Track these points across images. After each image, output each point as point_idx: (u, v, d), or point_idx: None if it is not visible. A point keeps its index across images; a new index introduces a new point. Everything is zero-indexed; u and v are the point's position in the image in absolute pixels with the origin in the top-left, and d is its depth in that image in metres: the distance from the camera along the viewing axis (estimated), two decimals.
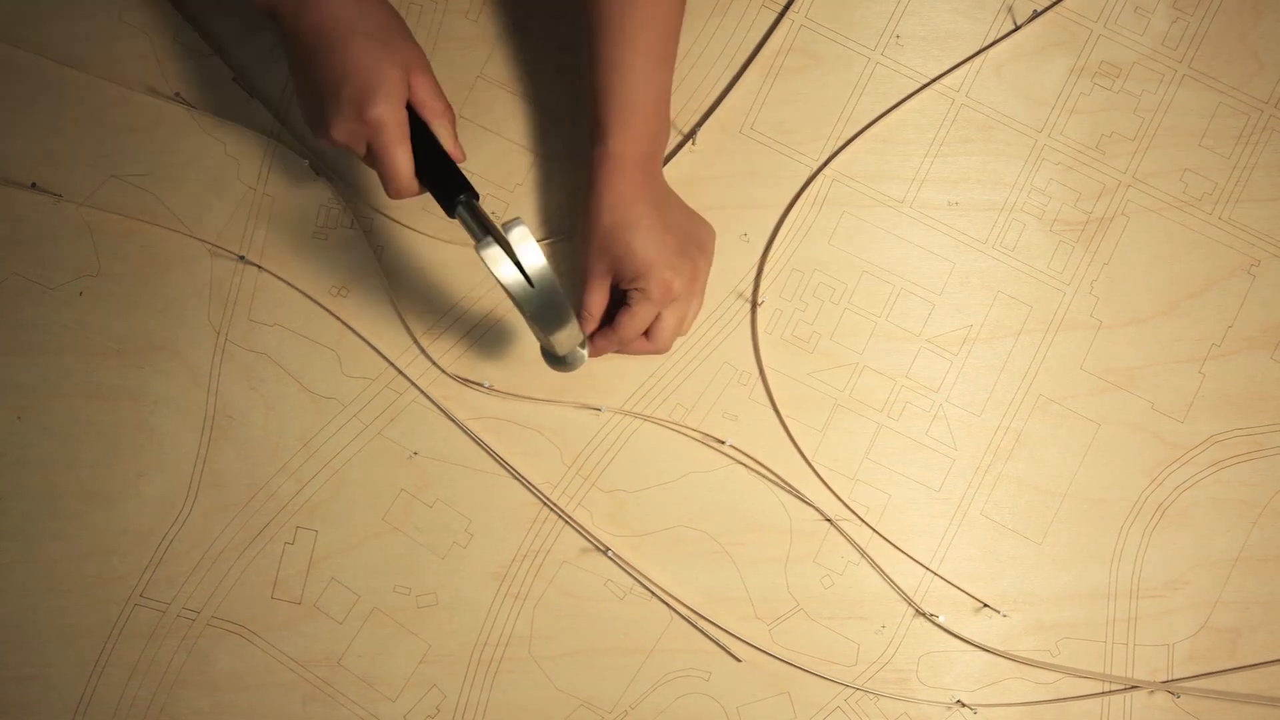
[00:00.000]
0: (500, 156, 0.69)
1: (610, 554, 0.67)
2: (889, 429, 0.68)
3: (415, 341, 0.69)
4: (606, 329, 0.62)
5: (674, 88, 0.69)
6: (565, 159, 0.69)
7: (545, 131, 0.69)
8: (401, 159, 0.57)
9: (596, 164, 0.62)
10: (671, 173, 0.68)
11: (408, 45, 0.59)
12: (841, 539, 0.68)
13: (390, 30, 0.59)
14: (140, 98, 0.69)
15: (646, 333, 0.62)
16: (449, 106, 0.60)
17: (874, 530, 0.68)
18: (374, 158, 0.58)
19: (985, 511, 0.68)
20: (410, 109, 0.58)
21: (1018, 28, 0.69)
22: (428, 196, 0.59)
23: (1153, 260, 0.69)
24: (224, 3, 0.69)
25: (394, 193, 0.59)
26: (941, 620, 0.67)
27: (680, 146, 0.68)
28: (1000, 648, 0.68)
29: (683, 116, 0.69)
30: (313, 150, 0.69)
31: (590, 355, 0.62)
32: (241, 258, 0.68)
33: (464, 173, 0.58)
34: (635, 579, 0.68)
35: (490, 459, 0.68)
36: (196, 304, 0.69)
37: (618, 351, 0.63)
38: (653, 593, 0.68)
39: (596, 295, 0.62)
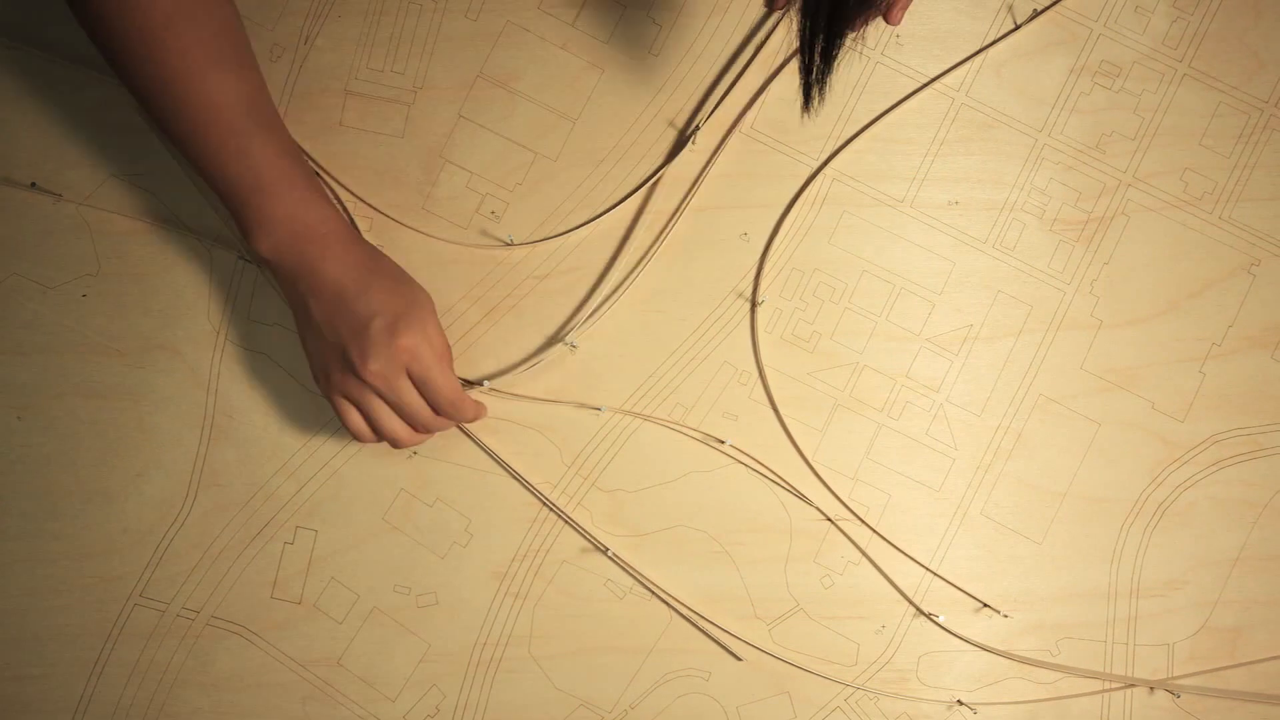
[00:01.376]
0: (500, 156, 0.69)
1: (610, 554, 0.67)
2: (889, 429, 0.68)
3: None
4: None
5: (675, 86, 0.69)
6: (565, 158, 0.69)
7: (545, 131, 0.69)
8: (443, 380, 0.60)
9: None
10: (673, 172, 0.68)
11: (421, 289, 0.62)
12: (841, 539, 0.68)
13: (406, 277, 0.62)
14: None
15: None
16: (449, 349, 0.63)
17: (874, 530, 0.68)
18: (420, 384, 0.60)
19: (985, 511, 0.68)
20: None
21: (1018, 27, 0.69)
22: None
23: (1153, 260, 0.69)
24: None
25: (425, 429, 0.62)
26: (942, 620, 0.67)
27: (681, 147, 0.68)
28: (1000, 647, 0.68)
29: (682, 116, 0.69)
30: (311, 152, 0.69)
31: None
32: (242, 257, 0.68)
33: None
34: (635, 579, 0.68)
35: (490, 459, 0.68)
36: (196, 303, 0.69)
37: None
38: (653, 592, 0.68)
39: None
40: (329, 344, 0.60)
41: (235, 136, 0.59)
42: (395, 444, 0.62)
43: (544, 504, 0.68)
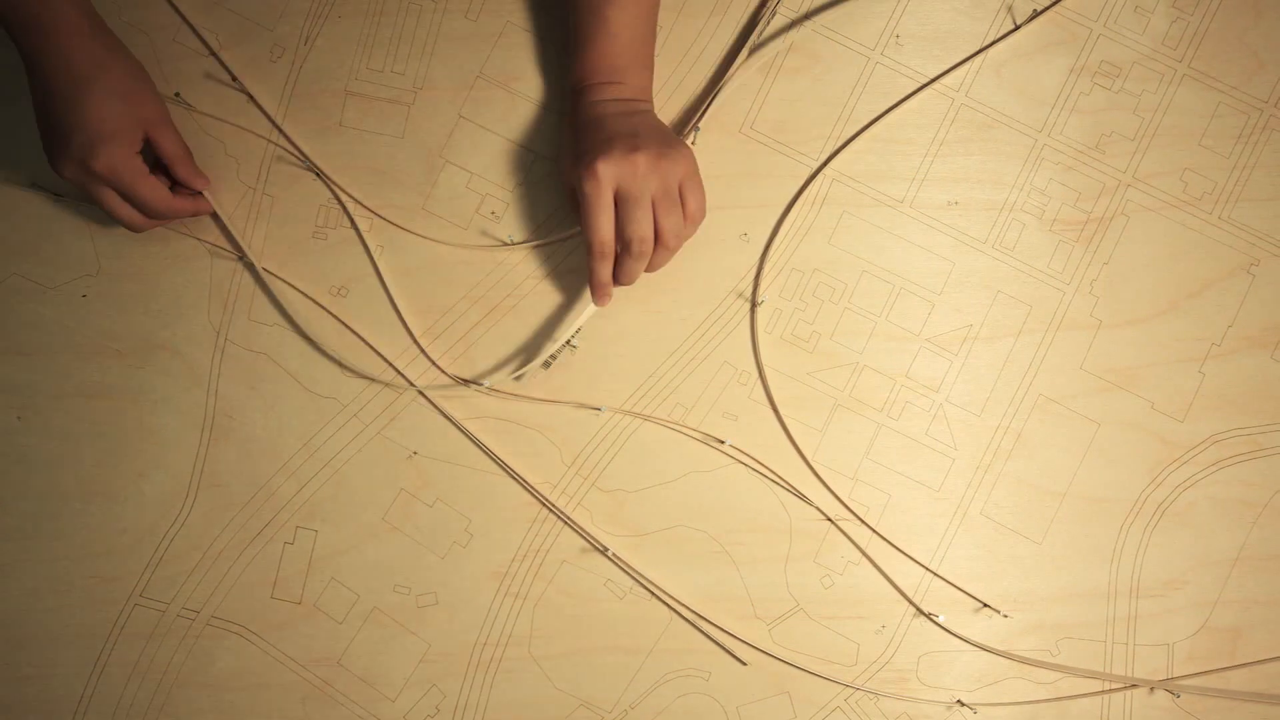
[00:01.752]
0: (500, 156, 0.69)
1: (610, 554, 0.67)
2: (889, 429, 0.68)
3: (415, 341, 0.69)
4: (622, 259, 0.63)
5: (674, 87, 0.69)
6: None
7: (545, 131, 0.69)
8: (149, 191, 0.63)
9: (569, 97, 0.66)
10: None
11: (148, 102, 0.63)
12: (841, 539, 0.68)
13: (130, 88, 0.63)
14: None
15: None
16: (186, 148, 0.66)
17: (874, 530, 0.68)
18: (127, 196, 0.63)
19: (985, 511, 0.68)
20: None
21: (1018, 27, 0.69)
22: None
23: (1153, 260, 0.69)
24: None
25: (137, 222, 0.65)
26: (942, 620, 0.67)
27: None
28: (1000, 647, 0.68)
29: (683, 115, 0.69)
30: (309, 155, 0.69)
31: (624, 284, 0.64)
32: (241, 258, 0.68)
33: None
34: (635, 579, 0.68)
35: (490, 459, 0.68)
36: (196, 304, 0.69)
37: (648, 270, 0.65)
38: (652, 593, 0.68)
39: (599, 217, 0.61)
40: (44, 133, 0.62)
41: None
42: (130, 227, 0.65)
43: (544, 504, 0.68)
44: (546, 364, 0.67)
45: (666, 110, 0.69)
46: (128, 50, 0.64)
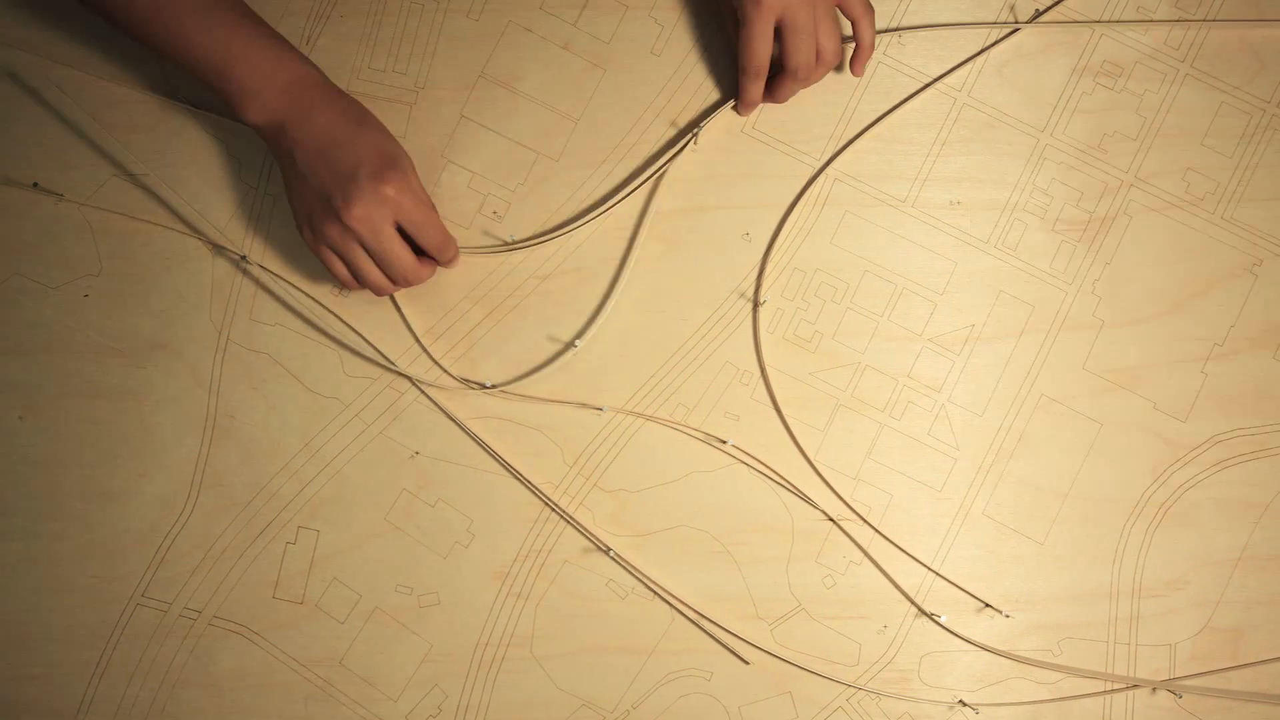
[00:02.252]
0: (502, 155, 0.69)
1: (612, 554, 0.67)
2: (891, 429, 0.68)
3: (417, 341, 0.69)
4: (780, 77, 0.65)
5: (676, 86, 0.69)
6: (567, 158, 0.69)
7: (547, 131, 0.69)
8: (436, 219, 0.63)
9: None
10: (673, 173, 0.68)
11: (397, 143, 0.64)
12: (843, 539, 0.68)
13: (386, 130, 0.64)
14: (142, 97, 0.69)
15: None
16: (431, 201, 0.64)
17: (876, 530, 0.68)
18: (404, 226, 0.62)
19: (987, 511, 0.68)
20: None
21: (1019, 27, 0.69)
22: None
23: (1155, 260, 0.69)
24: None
25: (431, 261, 0.65)
26: (944, 620, 0.67)
27: (683, 146, 0.68)
28: (1002, 647, 0.67)
29: (684, 115, 0.69)
30: None
31: (779, 102, 0.67)
32: (242, 258, 0.68)
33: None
34: (637, 579, 0.68)
35: (492, 459, 0.68)
36: (198, 304, 0.69)
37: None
38: (655, 592, 0.68)
39: (759, 42, 0.63)
40: (314, 192, 0.61)
41: (193, 14, 0.60)
42: (377, 291, 0.64)
43: (546, 504, 0.68)
44: (574, 346, 0.68)
45: (668, 110, 0.69)
46: None
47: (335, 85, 0.64)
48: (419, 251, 0.64)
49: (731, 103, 0.67)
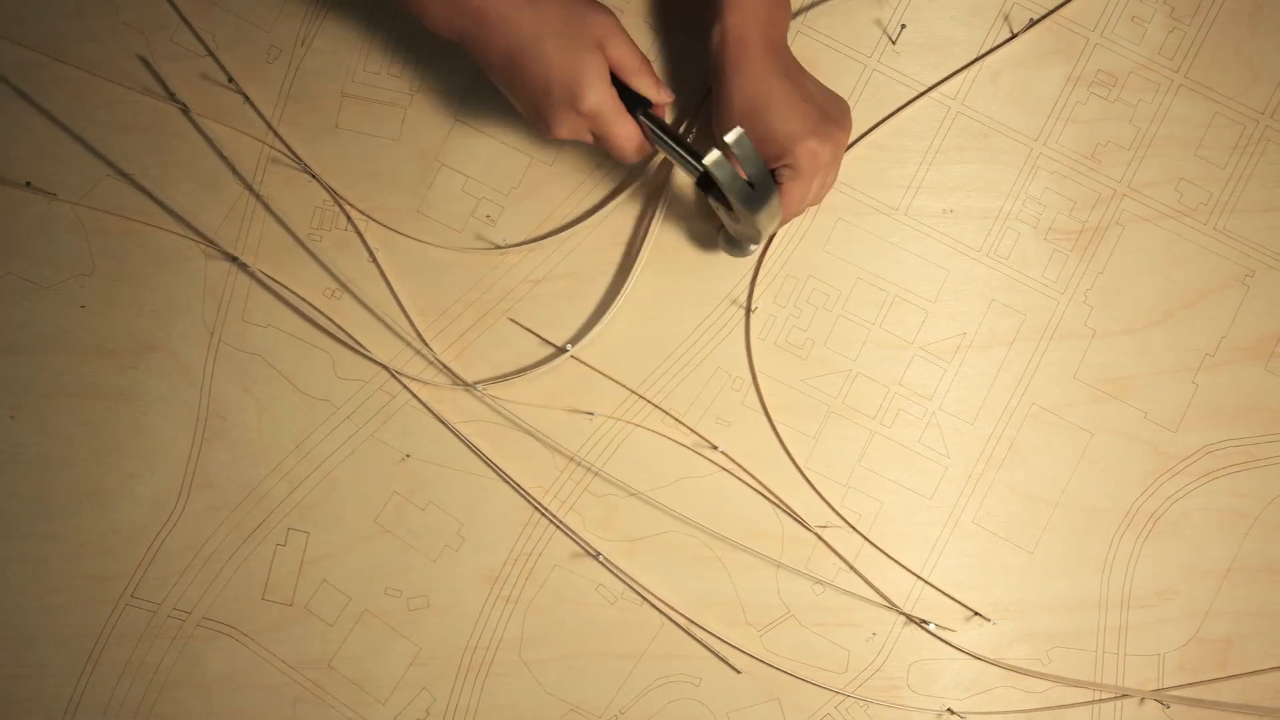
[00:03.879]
0: (495, 159, 0.69)
1: (601, 558, 0.67)
2: (882, 436, 0.68)
3: (414, 342, 0.69)
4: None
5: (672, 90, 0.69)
6: (560, 162, 0.69)
7: (540, 135, 0.69)
8: (626, 135, 0.60)
9: (718, 47, 0.62)
10: (667, 180, 0.68)
11: (595, 17, 0.59)
12: (834, 545, 0.68)
13: (573, 15, 0.59)
14: (136, 97, 0.69)
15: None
16: (644, 59, 0.61)
17: (865, 538, 0.68)
18: (601, 139, 0.61)
19: (977, 520, 0.68)
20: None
21: (1014, 36, 0.69)
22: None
23: (1147, 270, 0.69)
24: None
25: (630, 159, 0.62)
26: (932, 628, 0.67)
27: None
28: (991, 656, 0.67)
29: (677, 121, 0.69)
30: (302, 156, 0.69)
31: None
32: (235, 259, 0.68)
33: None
34: (626, 584, 0.68)
35: (482, 462, 0.68)
36: (190, 304, 0.69)
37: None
38: (644, 598, 0.68)
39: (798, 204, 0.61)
40: (523, 105, 0.60)
41: None
42: (625, 158, 0.62)
43: (536, 508, 0.68)
44: (568, 349, 0.68)
45: (667, 113, 0.69)
46: None
47: None
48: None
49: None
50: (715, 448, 0.68)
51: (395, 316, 0.69)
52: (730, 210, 0.59)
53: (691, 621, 0.68)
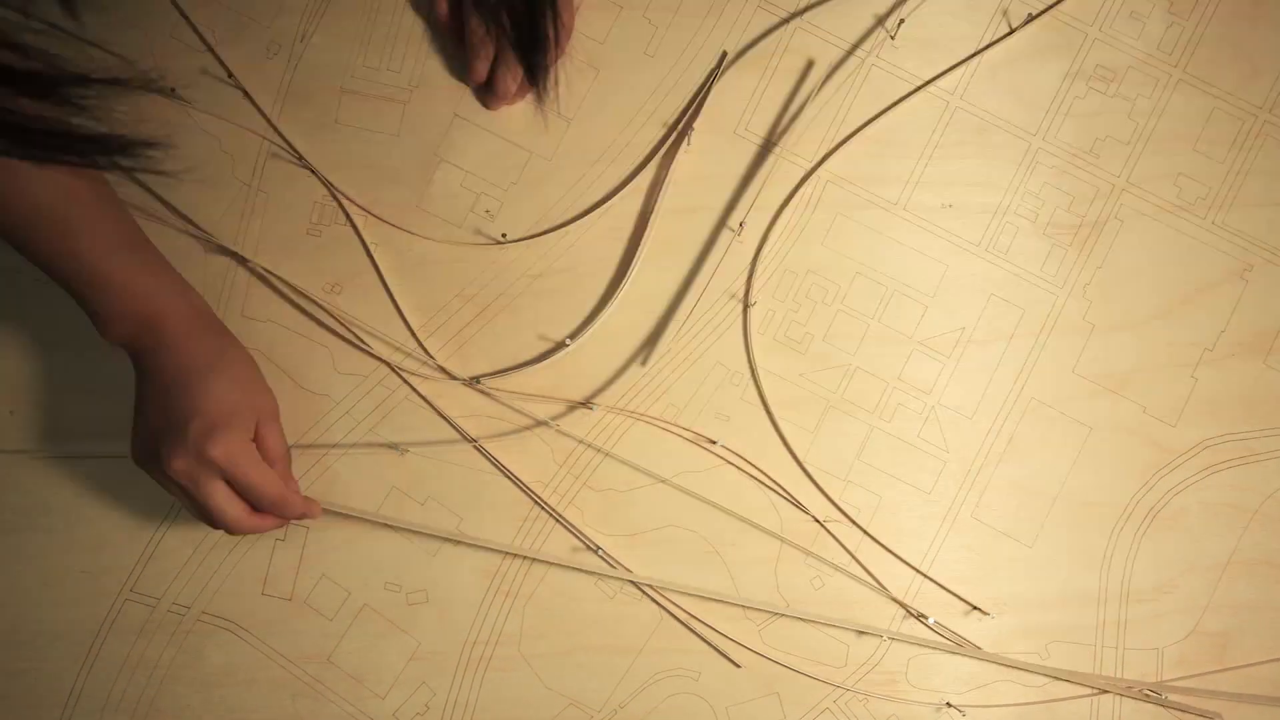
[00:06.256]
0: (495, 154, 0.69)
1: (601, 553, 0.67)
2: (881, 431, 0.68)
3: (410, 338, 0.69)
4: None
5: (670, 86, 0.69)
6: (560, 158, 0.69)
7: (540, 130, 0.69)
8: (259, 477, 0.60)
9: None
10: (671, 173, 0.69)
11: (262, 394, 0.63)
12: (831, 540, 0.68)
13: (247, 376, 0.62)
14: (135, 93, 0.69)
15: None
16: (288, 452, 0.64)
17: (865, 532, 0.68)
18: (235, 487, 0.60)
19: (976, 514, 0.68)
20: None
21: (1013, 31, 0.69)
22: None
23: (1146, 264, 0.69)
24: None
25: (240, 523, 0.60)
26: (931, 622, 0.67)
27: (676, 148, 0.68)
28: (990, 650, 0.68)
29: (677, 116, 0.69)
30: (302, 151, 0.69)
31: None
32: (235, 254, 0.68)
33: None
34: (625, 578, 0.68)
35: (482, 457, 0.68)
36: None
37: None
38: (644, 592, 0.68)
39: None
40: (150, 427, 0.60)
41: (62, 237, 0.59)
42: (212, 525, 0.61)
43: (535, 503, 0.68)
44: (567, 343, 0.68)
45: (662, 110, 0.69)
46: (237, 340, 0.64)
47: (207, 322, 0.63)
48: None
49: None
50: (714, 443, 0.68)
51: (395, 312, 0.69)
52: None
53: (692, 616, 0.68)
